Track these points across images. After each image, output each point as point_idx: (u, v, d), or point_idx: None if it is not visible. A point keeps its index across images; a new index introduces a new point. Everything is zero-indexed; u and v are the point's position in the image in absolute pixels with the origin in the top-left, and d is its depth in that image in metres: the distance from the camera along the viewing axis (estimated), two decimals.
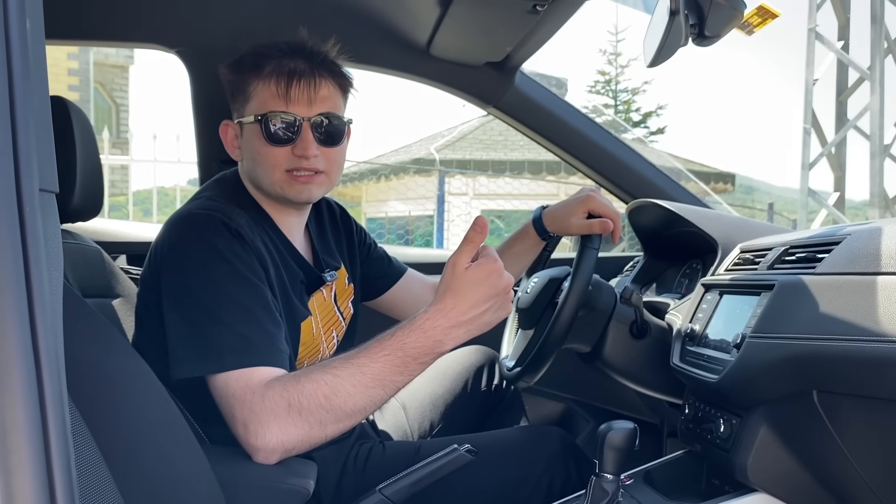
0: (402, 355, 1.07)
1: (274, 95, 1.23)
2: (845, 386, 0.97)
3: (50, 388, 0.40)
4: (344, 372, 1.06)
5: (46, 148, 0.44)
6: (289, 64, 1.24)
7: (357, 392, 1.05)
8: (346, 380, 1.05)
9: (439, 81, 1.93)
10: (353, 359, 1.08)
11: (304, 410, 1.03)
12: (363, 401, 1.06)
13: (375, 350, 1.08)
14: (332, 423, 1.05)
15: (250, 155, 1.27)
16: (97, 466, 0.69)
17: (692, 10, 1.11)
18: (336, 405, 1.04)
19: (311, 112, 1.24)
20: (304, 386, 1.05)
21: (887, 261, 0.95)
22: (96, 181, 1.37)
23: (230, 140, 1.32)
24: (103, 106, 15.08)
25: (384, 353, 1.07)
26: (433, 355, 1.09)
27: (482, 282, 1.08)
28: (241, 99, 1.27)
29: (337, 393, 1.04)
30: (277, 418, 1.03)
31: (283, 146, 1.24)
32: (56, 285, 0.44)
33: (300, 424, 1.03)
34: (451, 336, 1.08)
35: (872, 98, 10.21)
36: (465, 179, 11.20)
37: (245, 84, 1.26)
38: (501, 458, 1.33)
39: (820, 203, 10.63)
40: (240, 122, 1.28)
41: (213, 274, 1.12)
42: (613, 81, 18.22)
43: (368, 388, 1.06)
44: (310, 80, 1.24)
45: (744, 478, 1.12)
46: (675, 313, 1.48)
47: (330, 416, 1.04)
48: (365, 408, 1.07)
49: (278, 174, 1.25)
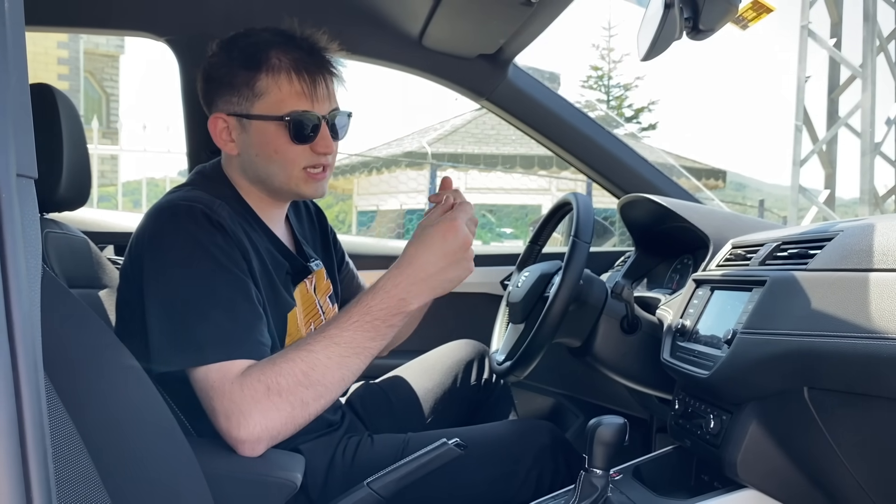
0: (370, 319, 1.10)
1: (299, 94, 1.21)
2: (836, 383, 0.97)
3: (26, 378, 0.39)
4: (317, 346, 1.08)
5: (25, 132, 0.43)
6: (302, 59, 1.22)
7: (333, 363, 1.07)
8: (320, 353, 1.07)
9: (432, 73, 1.92)
10: (324, 331, 1.10)
11: (284, 391, 1.03)
12: (340, 371, 1.07)
13: (344, 319, 1.10)
14: (313, 400, 1.06)
15: (260, 151, 1.24)
16: (81, 459, 0.68)
17: (687, 3, 1.10)
18: (315, 380, 1.05)
19: (328, 109, 1.25)
20: (280, 366, 1.05)
21: (880, 257, 0.94)
22: (83, 170, 1.35)
23: (220, 133, 1.26)
24: (93, 95, 14.98)
25: (353, 321, 1.10)
26: (400, 315, 1.12)
27: (438, 238, 1.13)
28: (245, 92, 1.22)
29: (314, 368, 1.06)
30: (258, 404, 1.03)
31: (305, 144, 1.24)
32: (34, 273, 0.43)
33: (282, 406, 1.03)
34: (413, 293, 1.12)
35: (864, 96, 10.25)
36: (457, 173, 11.18)
37: (251, 78, 1.21)
38: (490, 452, 1.33)
39: (810, 200, 10.69)
40: (241, 115, 1.23)
41: (195, 265, 1.11)
42: (606, 77, 18.24)
43: (344, 358, 1.07)
44: (327, 77, 1.25)
45: (733, 474, 1.12)
46: (665, 308, 1.48)
47: (310, 392, 1.05)
48: (343, 378, 1.08)
49: (296, 171, 1.25)
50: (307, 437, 1.29)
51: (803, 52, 10.52)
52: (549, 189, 11.42)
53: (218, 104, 1.26)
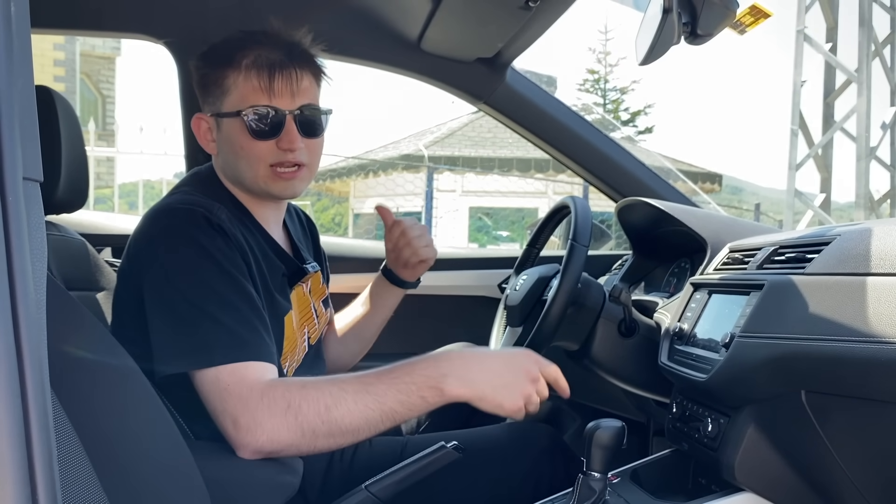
0: (408, 380, 1.06)
1: (256, 89, 1.21)
2: (834, 386, 0.97)
3: (32, 382, 0.39)
4: (350, 387, 1.05)
5: (31, 135, 0.43)
6: (268, 56, 1.22)
7: (357, 409, 1.04)
8: (349, 394, 1.04)
9: (430, 76, 1.92)
10: (362, 376, 1.08)
11: (302, 416, 1.02)
12: (360, 421, 1.04)
13: (384, 371, 1.08)
14: (323, 437, 1.04)
15: (230, 150, 1.25)
16: (79, 461, 0.68)
17: (685, 8, 1.11)
18: (333, 418, 1.03)
19: (293, 104, 1.23)
20: (308, 391, 1.04)
21: (877, 262, 0.95)
22: (81, 172, 1.35)
23: (203, 134, 1.28)
24: (89, 97, 14.95)
25: (391, 375, 1.07)
26: (435, 390, 1.06)
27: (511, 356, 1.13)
28: (216, 92, 1.24)
29: (338, 405, 1.03)
30: (273, 418, 1.02)
31: (268, 140, 1.22)
32: (40, 277, 0.43)
33: (293, 429, 1.02)
34: (457, 375, 1.07)
35: (859, 100, 10.28)
36: (454, 176, 11.20)
37: (220, 77, 1.23)
38: (489, 455, 1.33)
39: (806, 204, 10.71)
40: (216, 115, 1.25)
41: (197, 269, 1.10)
42: (602, 80, 18.28)
43: (368, 409, 1.04)
44: (291, 71, 1.22)
45: (731, 477, 1.12)
46: (663, 312, 1.48)
47: (324, 427, 1.03)
48: (359, 429, 1.05)
49: (262, 169, 1.24)
50: None
51: (799, 57, 10.54)
52: (546, 192, 11.43)
53: (203, 106, 1.29)
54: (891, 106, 10.83)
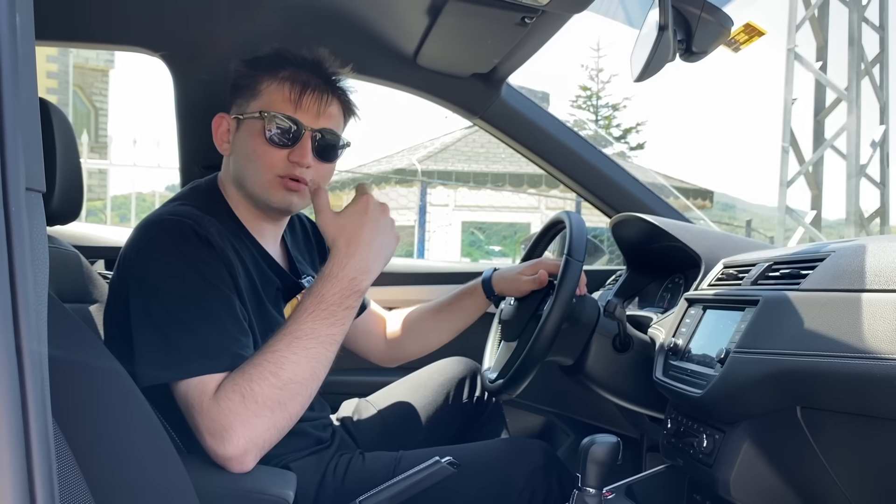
0: (325, 306, 1.11)
1: (285, 99, 1.25)
2: (829, 402, 0.97)
3: (33, 393, 0.38)
4: (279, 344, 1.08)
5: (34, 146, 0.43)
6: (305, 75, 1.26)
7: (299, 358, 1.07)
8: (284, 350, 1.07)
9: (426, 91, 1.92)
10: (284, 329, 1.11)
11: (259, 396, 1.03)
12: (309, 364, 1.07)
13: (299, 312, 1.11)
14: (290, 400, 1.06)
15: (243, 151, 1.27)
16: (72, 475, 0.67)
17: (680, 25, 1.12)
18: (286, 379, 1.05)
19: (316, 124, 1.26)
20: (249, 372, 1.05)
21: (872, 278, 0.95)
22: (76, 184, 1.34)
23: (221, 133, 1.31)
24: (82, 110, 14.94)
25: (308, 312, 1.11)
26: (355, 294, 1.13)
27: (359, 213, 1.18)
28: (247, 94, 1.28)
29: (282, 366, 1.05)
30: (237, 416, 1.02)
31: (281, 149, 1.25)
32: (41, 288, 0.43)
33: (261, 412, 1.03)
34: (360, 270, 1.14)
35: (849, 118, 10.37)
36: (447, 190, 11.21)
37: (256, 81, 1.27)
38: (483, 471, 1.32)
39: (797, 221, 10.76)
40: (237, 117, 1.28)
41: (181, 280, 1.11)
42: (595, 97, 18.38)
43: (308, 350, 1.08)
44: (322, 94, 1.27)
45: (726, 493, 1.12)
46: (657, 327, 1.48)
47: (285, 392, 1.05)
48: (314, 372, 1.08)
49: (269, 176, 1.26)
50: (298, 454, 1.29)
51: (790, 75, 10.64)
52: (539, 207, 11.45)
53: (230, 108, 1.31)
54: (880, 124, 10.92)
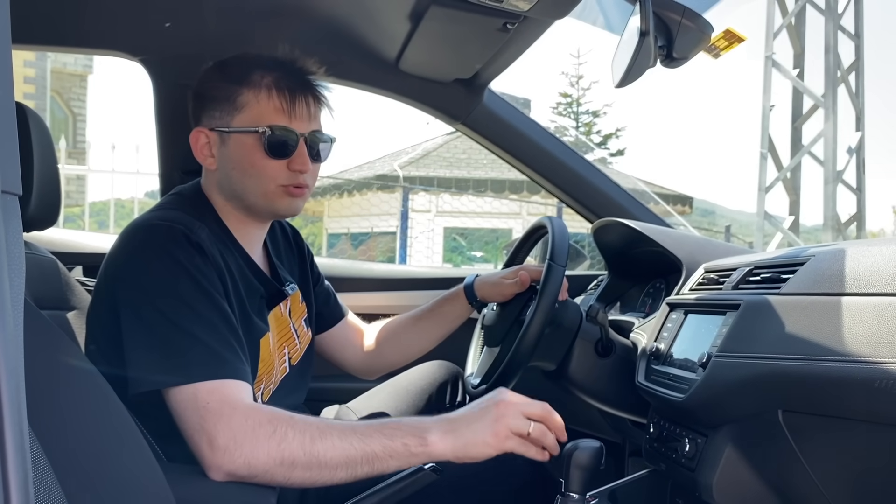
0: (393, 426, 1.07)
1: (277, 109, 1.23)
2: (810, 405, 0.98)
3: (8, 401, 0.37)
4: (337, 425, 1.07)
5: (10, 148, 0.42)
6: (287, 79, 1.25)
7: (340, 445, 1.03)
8: (336, 430, 1.04)
9: (407, 97, 1.92)
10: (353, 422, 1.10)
11: (286, 443, 1.01)
12: (341, 457, 1.03)
13: (375, 422, 1.10)
14: (301, 468, 1.02)
15: (237, 166, 1.25)
16: (48, 482, 0.66)
17: (661, 32, 1.13)
18: (316, 450, 1.02)
19: (307, 128, 1.26)
20: (296, 420, 1.04)
21: (851, 282, 0.96)
22: (54, 189, 1.33)
23: (201, 147, 1.28)
24: (60, 115, 14.78)
25: (379, 422, 1.09)
26: (420, 438, 1.05)
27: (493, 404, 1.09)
28: (226, 107, 1.24)
29: (323, 438, 1.03)
30: (256, 441, 1.00)
31: (281, 160, 1.24)
32: (18, 293, 0.42)
33: (273, 455, 1.00)
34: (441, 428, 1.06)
35: (826, 125, 10.50)
36: (429, 196, 11.21)
37: (234, 93, 1.24)
38: (470, 485, 1.30)
39: (775, 226, 10.87)
40: (221, 130, 1.25)
41: (175, 286, 1.09)
42: (575, 103, 18.48)
43: (351, 447, 1.03)
44: (309, 97, 1.26)
45: (709, 497, 1.12)
46: (639, 332, 1.49)
47: (304, 459, 1.02)
48: (338, 466, 1.03)
49: (272, 187, 1.25)
50: None
51: (768, 82, 10.75)
52: (520, 213, 11.49)
53: (202, 119, 1.28)
54: (856, 130, 11.07)
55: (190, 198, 1.30)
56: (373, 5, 1.59)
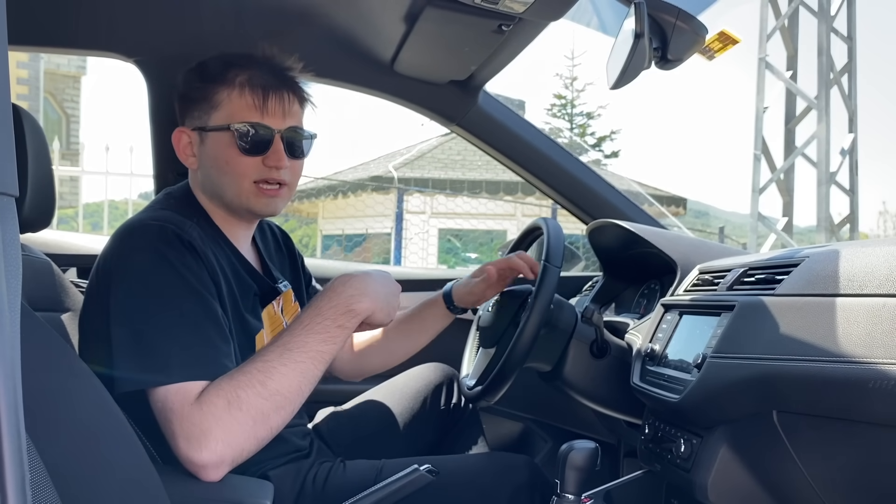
0: (320, 320, 1.11)
1: (249, 106, 1.24)
2: (804, 406, 0.98)
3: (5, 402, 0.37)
4: (271, 354, 1.07)
5: (6, 149, 0.42)
6: (262, 76, 1.26)
7: (289, 370, 1.06)
8: (275, 361, 1.06)
9: (403, 98, 1.92)
10: (277, 340, 1.10)
11: (244, 403, 1.01)
12: (297, 378, 1.06)
13: (295, 325, 1.11)
14: (273, 412, 1.04)
15: (213, 164, 1.26)
16: (44, 485, 0.66)
17: (656, 33, 1.13)
18: (272, 389, 1.04)
19: (283, 125, 1.26)
20: (237, 379, 1.04)
21: (845, 283, 0.96)
22: (48, 190, 1.32)
23: (183, 148, 1.30)
24: (53, 117, 14.74)
25: (304, 325, 1.10)
26: (349, 314, 1.13)
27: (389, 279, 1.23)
28: (204, 106, 1.26)
29: (270, 376, 1.04)
30: (219, 421, 1.00)
31: (255, 156, 1.25)
32: (14, 294, 0.42)
33: (243, 420, 1.01)
34: (359, 290, 1.15)
35: (819, 127, 10.52)
36: (423, 198, 11.21)
37: (211, 92, 1.26)
38: (467, 487, 1.30)
39: (769, 228, 10.89)
40: (200, 129, 1.27)
41: (164, 285, 1.09)
42: (569, 105, 18.49)
43: (298, 364, 1.06)
44: (283, 94, 1.27)
45: (704, 497, 1.12)
46: (634, 333, 1.49)
47: (269, 403, 1.03)
48: (300, 387, 1.07)
49: (246, 184, 1.26)
50: (276, 461, 1.27)
51: (761, 84, 10.77)
52: (515, 214, 11.49)
53: (185, 120, 1.30)
54: (849, 132, 11.10)
55: (179, 198, 1.31)
56: (368, 7, 1.59)
